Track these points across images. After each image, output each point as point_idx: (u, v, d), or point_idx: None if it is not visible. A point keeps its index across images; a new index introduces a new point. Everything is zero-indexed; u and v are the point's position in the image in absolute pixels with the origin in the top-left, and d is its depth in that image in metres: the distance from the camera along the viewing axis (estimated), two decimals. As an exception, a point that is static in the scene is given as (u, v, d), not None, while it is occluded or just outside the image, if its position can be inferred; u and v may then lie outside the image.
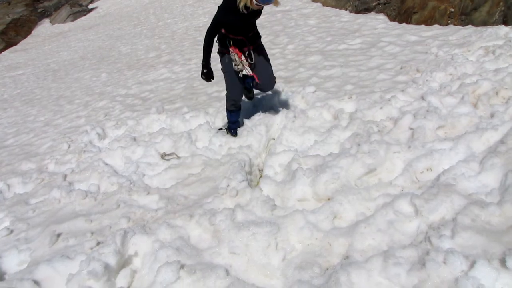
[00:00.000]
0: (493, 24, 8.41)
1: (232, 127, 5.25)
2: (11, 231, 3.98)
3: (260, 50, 4.77)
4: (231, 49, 4.54)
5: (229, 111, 5.10)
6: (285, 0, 15.63)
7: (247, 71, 4.55)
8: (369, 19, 11.07)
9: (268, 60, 4.86)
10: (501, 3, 8.49)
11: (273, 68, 5.01)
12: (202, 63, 4.62)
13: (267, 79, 4.85)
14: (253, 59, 4.64)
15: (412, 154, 3.66)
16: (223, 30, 4.48)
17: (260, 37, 4.78)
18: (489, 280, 2.11)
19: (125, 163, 5.22)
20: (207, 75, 4.70)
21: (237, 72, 4.61)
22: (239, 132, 5.19)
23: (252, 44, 4.62)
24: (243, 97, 5.19)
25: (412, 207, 2.94)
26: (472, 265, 2.21)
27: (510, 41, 6.31)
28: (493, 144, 3.47)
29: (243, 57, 4.52)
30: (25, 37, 29.06)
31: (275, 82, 5.00)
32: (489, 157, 3.19)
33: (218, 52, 4.77)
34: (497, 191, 2.89)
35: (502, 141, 3.36)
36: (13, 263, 3.49)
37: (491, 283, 2.11)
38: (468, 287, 2.09)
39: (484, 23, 8.63)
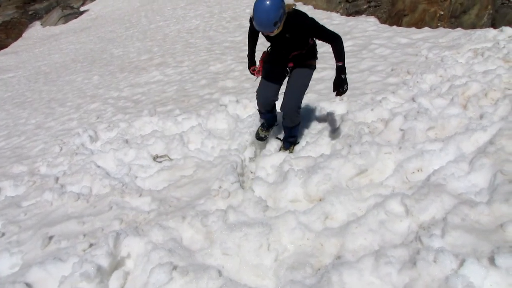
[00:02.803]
0: (482, 26, 8.53)
1: (262, 128, 4.72)
2: (3, 234, 3.95)
3: (299, 71, 4.12)
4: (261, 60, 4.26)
5: (259, 111, 4.56)
6: (277, 3, 15.67)
7: (256, 72, 4.31)
8: (360, 21, 11.16)
9: (297, 87, 4.15)
10: (489, 6, 8.60)
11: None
12: (247, 55, 4.39)
13: (284, 101, 4.19)
14: (285, 73, 4.20)
15: (403, 155, 3.70)
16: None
17: (310, 58, 4.12)
18: (478, 278, 2.15)
19: (117, 165, 5.21)
20: (249, 66, 4.37)
21: (275, 72, 4.19)
22: (232, 133, 5.19)
23: (294, 62, 4.08)
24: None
25: (403, 207, 2.98)
26: (461, 263, 2.25)
27: (498, 43, 6.40)
28: (482, 144, 3.52)
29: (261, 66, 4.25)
30: (15, 39, 28.88)
31: (296, 112, 4.21)
32: (478, 158, 3.23)
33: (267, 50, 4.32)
34: (486, 190, 2.94)
35: (491, 142, 3.41)
36: (5, 266, 3.46)
37: (480, 281, 2.15)
38: (458, 285, 2.12)
39: (473, 26, 8.75)
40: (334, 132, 4.59)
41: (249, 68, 4.38)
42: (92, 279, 2.75)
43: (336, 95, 3.83)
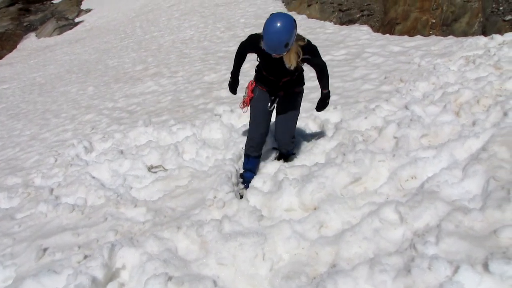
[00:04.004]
0: (473, 34, 8.63)
1: (245, 176, 4.42)
2: (-4, 247, 3.93)
3: (289, 101, 4.12)
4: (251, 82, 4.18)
5: (245, 154, 4.37)
6: (270, 12, 15.77)
7: (243, 105, 4.27)
8: (353, 30, 11.25)
9: (290, 119, 4.21)
10: (480, 15, 8.71)
11: None
12: (230, 72, 4.24)
13: (279, 134, 4.27)
14: (273, 106, 4.11)
15: (396, 162, 3.71)
16: (258, 61, 3.99)
17: (298, 85, 4.11)
18: (472, 285, 2.15)
19: (112, 176, 5.20)
20: (231, 85, 4.28)
21: (263, 110, 4.10)
22: (227, 143, 5.19)
23: (284, 90, 4.03)
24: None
25: (397, 215, 2.98)
26: (456, 270, 2.25)
27: (489, 50, 6.48)
28: (475, 151, 3.54)
29: (251, 92, 4.16)
30: (10, 51, 28.82)
31: (291, 142, 4.36)
32: (471, 164, 3.25)
33: (254, 79, 4.22)
34: (480, 197, 2.95)
35: (483, 148, 3.43)
36: (-2, 279, 3.44)
37: (474, 288, 2.15)
38: (452, 292, 2.13)
39: (465, 34, 8.84)
40: (328, 140, 4.61)
41: (233, 88, 4.30)
42: (87, 291, 2.73)
43: (318, 110, 4.23)
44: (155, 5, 27.65)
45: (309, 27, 12.66)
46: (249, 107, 4.25)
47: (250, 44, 3.85)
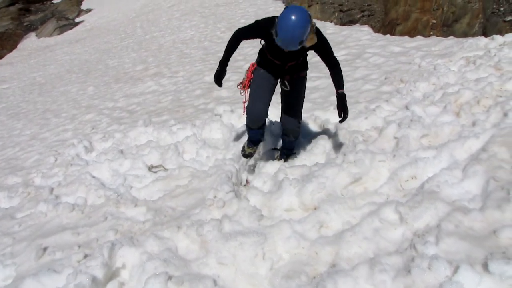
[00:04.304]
0: (474, 35, 8.62)
1: (249, 145, 4.41)
2: (-4, 246, 3.93)
3: (295, 85, 4.05)
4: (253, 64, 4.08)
5: (248, 127, 4.27)
6: (271, 13, 15.79)
7: (242, 86, 4.16)
8: (354, 31, 11.26)
9: (298, 103, 4.21)
10: (480, 15, 8.71)
11: None
12: (219, 61, 3.99)
13: (287, 118, 4.23)
14: (287, 87, 4.01)
15: (396, 162, 3.72)
16: (263, 44, 3.94)
17: (303, 68, 4.05)
18: (472, 285, 2.16)
19: (113, 176, 5.20)
20: (218, 74, 4.00)
21: (266, 85, 4.01)
22: (227, 143, 5.20)
23: (290, 74, 3.98)
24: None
25: (397, 215, 2.99)
26: (455, 270, 2.25)
27: (489, 51, 6.47)
28: (475, 151, 3.54)
29: (250, 74, 4.07)
30: (10, 51, 28.86)
31: (298, 127, 4.32)
32: (471, 165, 3.26)
33: (256, 62, 4.11)
34: (479, 197, 2.95)
35: (483, 149, 3.44)
36: (-2, 278, 3.44)
37: (474, 288, 2.15)
38: (452, 292, 2.13)
39: (465, 34, 8.84)
40: (329, 140, 4.61)
41: (219, 78, 4.05)
42: (87, 290, 2.73)
43: (342, 121, 3.89)
44: (155, 5, 27.68)
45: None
46: (248, 90, 4.12)
47: (256, 31, 3.75)
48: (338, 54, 9.30)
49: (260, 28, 3.71)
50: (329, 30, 11.89)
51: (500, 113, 4.14)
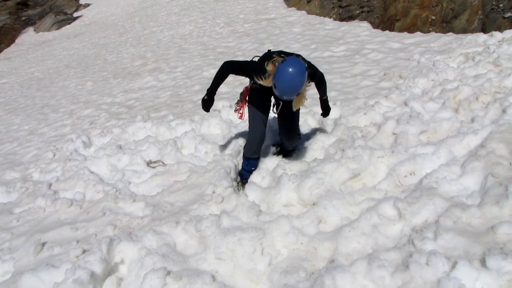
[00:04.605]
0: (473, 31, 8.62)
1: (245, 176, 4.38)
2: (-5, 241, 3.93)
3: (291, 103, 3.88)
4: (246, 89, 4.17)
5: (245, 157, 4.28)
6: (270, 8, 15.75)
7: (237, 107, 4.25)
8: (353, 26, 11.24)
9: (296, 118, 4.29)
10: (480, 12, 8.71)
11: None
12: (207, 89, 3.98)
13: (287, 134, 4.31)
14: (278, 110, 4.06)
15: (395, 158, 3.72)
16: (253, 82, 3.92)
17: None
18: (470, 280, 2.17)
19: (111, 171, 5.19)
20: (206, 102, 4.02)
21: (261, 114, 4.07)
22: (226, 139, 5.19)
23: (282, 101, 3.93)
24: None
25: (395, 211, 2.99)
26: (453, 266, 2.26)
27: (488, 48, 6.47)
28: (473, 148, 3.55)
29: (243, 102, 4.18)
30: (8, 45, 28.71)
31: (296, 138, 4.42)
32: (469, 161, 3.26)
33: (250, 85, 4.12)
34: (478, 193, 2.96)
35: (482, 145, 3.44)
36: (-3, 273, 3.44)
37: (471, 283, 2.16)
38: (450, 287, 2.14)
39: (464, 31, 8.84)
40: (327, 136, 4.61)
41: (206, 106, 4.06)
42: (85, 285, 2.72)
43: (325, 116, 4.34)
44: (154, 0, 27.57)
45: (308, 23, 12.65)
46: (245, 113, 4.20)
47: (246, 73, 3.83)
48: (337, 50, 9.31)
49: (250, 72, 3.78)
50: (328, 25, 11.87)
51: (499, 110, 4.14)
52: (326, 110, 4.31)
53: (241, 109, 4.22)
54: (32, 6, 34.80)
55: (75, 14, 32.96)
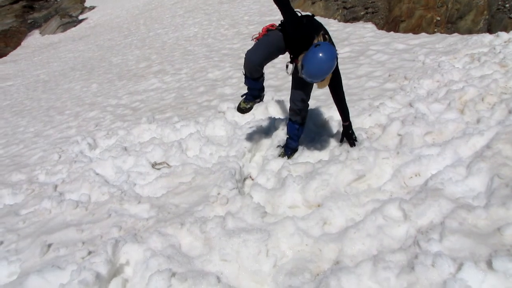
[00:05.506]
0: (478, 32, 8.58)
1: (245, 99, 4.18)
2: (1, 243, 3.94)
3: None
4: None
5: (245, 75, 4.02)
6: (274, 10, 15.76)
7: (255, 39, 3.98)
8: (358, 28, 11.22)
9: (303, 88, 4.17)
10: (485, 12, 8.66)
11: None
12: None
13: (293, 94, 4.22)
14: (291, 70, 3.97)
15: (400, 160, 3.71)
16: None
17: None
18: (476, 282, 2.16)
19: (116, 173, 5.21)
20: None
21: (272, 45, 3.85)
22: (230, 140, 5.19)
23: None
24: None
25: (401, 212, 2.98)
26: (459, 267, 2.25)
27: (494, 48, 6.44)
28: (479, 149, 3.53)
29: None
30: (14, 48, 28.95)
31: (301, 103, 4.26)
32: (475, 162, 3.24)
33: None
34: (484, 194, 2.95)
35: (488, 146, 3.42)
36: (3, 274, 3.44)
37: (478, 285, 2.15)
38: (456, 289, 2.13)
39: (470, 31, 8.80)
40: (332, 137, 4.61)
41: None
42: (91, 286, 2.74)
43: (352, 145, 4.23)
44: (158, 2, 27.70)
45: (313, 25, 12.63)
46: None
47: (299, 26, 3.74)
48: (342, 51, 9.29)
49: (301, 28, 3.74)
50: (333, 27, 11.86)
51: (505, 110, 4.12)
52: (348, 138, 4.24)
53: (259, 36, 3.97)
54: (38, 9, 35.03)
55: (80, 17, 33.16)
